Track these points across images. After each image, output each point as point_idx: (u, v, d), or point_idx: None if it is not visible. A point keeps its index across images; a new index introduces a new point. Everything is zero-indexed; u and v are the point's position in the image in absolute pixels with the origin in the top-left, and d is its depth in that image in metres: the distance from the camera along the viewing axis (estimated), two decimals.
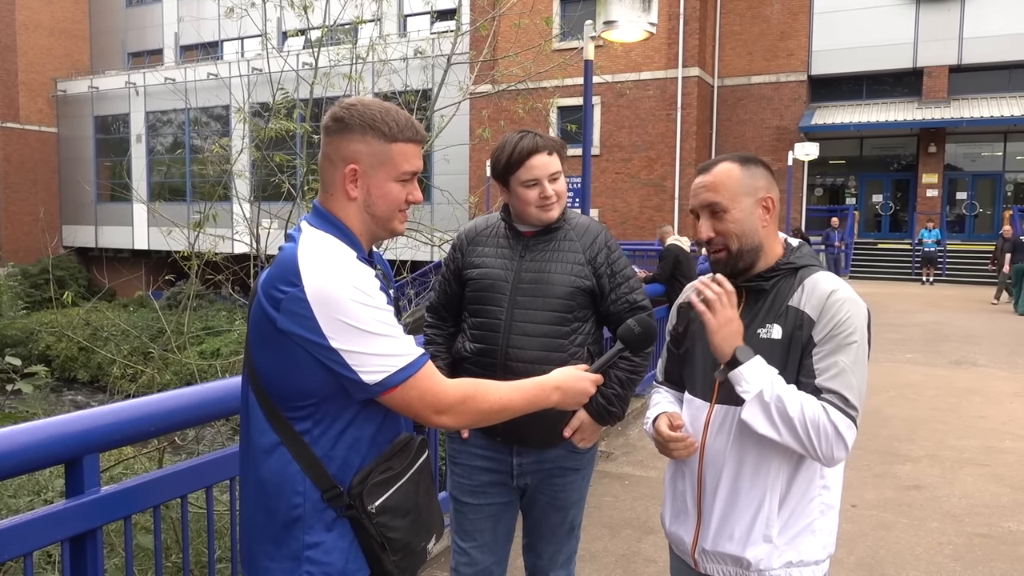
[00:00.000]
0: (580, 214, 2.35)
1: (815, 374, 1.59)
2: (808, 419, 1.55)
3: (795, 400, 1.56)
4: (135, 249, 30.16)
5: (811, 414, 1.55)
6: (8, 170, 30.73)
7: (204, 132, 27.20)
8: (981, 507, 4.34)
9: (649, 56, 21.55)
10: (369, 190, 1.51)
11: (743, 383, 1.59)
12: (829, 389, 1.58)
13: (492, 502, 2.32)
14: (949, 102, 21.80)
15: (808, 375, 1.60)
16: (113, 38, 33.23)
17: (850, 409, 1.56)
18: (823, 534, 1.69)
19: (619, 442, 5.50)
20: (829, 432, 1.54)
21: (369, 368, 1.38)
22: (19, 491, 5.28)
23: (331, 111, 1.52)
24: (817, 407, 1.56)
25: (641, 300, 2.24)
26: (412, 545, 1.53)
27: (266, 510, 1.48)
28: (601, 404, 2.20)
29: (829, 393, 1.58)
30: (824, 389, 1.58)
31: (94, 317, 14.38)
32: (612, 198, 22.31)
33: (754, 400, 1.58)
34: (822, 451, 1.56)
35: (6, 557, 1.64)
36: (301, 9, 7.26)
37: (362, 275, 1.42)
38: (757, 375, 1.58)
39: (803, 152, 18.26)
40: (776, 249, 1.75)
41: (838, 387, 1.57)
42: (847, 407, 1.56)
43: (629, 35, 5.50)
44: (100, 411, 1.90)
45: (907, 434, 5.82)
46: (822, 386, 1.58)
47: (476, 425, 1.57)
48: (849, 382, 1.58)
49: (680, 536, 1.80)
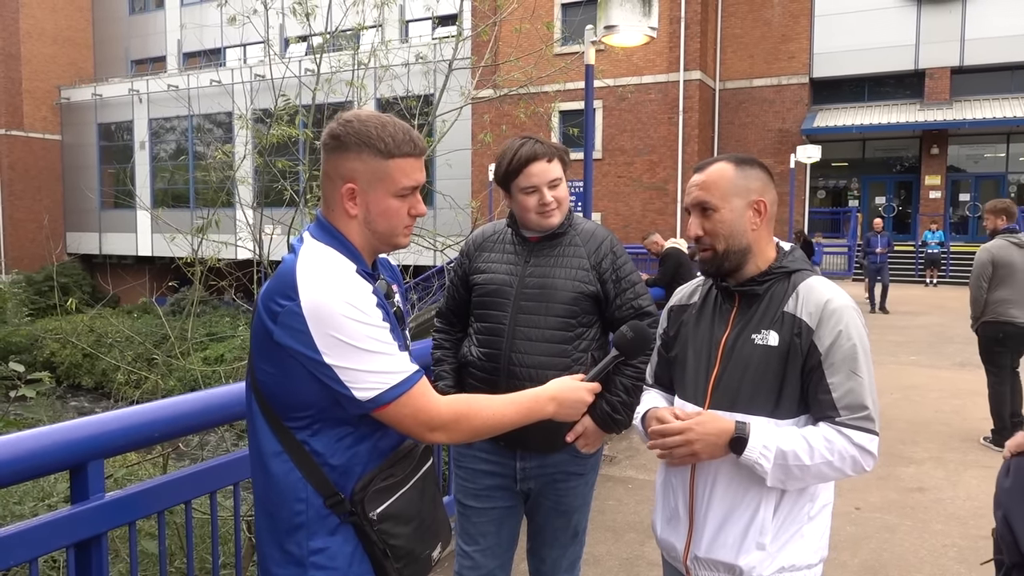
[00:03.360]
0: (587, 219, 2.36)
1: (831, 389, 1.59)
2: (834, 459, 1.56)
3: (808, 451, 1.56)
4: (139, 255, 30.24)
5: (834, 451, 1.56)
6: (12, 177, 30.85)
7: (207, 138, 27.29)
8: (985, 509, 4.33)
9: (651, 60, 21.58)
10: (368, 207, 1.50)
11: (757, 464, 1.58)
12: (848, 405, 1.59)
13: (496, 506, 2.33)
14: (951, 103, 21.78)
15: (824, 391, 1.60)
16: (116, 46, 33.37)
17: (869, 423, 1.59)
18: (815, 538, 1.68)
19: (623, 446, 5.50)
20: (853, 453, 1.57)
21: (362, 384, 1.39)
22: (24, 497, 5.29)
23: (328, 128, 1.52)
24: (836, 438, 1.57)
25: (647, 306, 2.24)
26: (416, 553, 1.53)
27: (271, 516, 1.49)
28: (606, 411, 2.19)
29: (847, 410, 1.58)
30: (843, 407, 1.59)
31: (98, 323, 14.41)
32: (614, 202, 22.31)
33: (772, 472, 1.58)
34: (852, 472, 1.59)
35: (12, 563, 1.65)
36: (303, 16, 7.29)
37: (359, 291, 1.42)
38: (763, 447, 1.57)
39: (805, 155, 18.24)
40: (769, 253, 1.74)
41: (856, 400, 1.59)
42: (866, 421, 1.58)
43: (630, 39, 5.51)
44: (105, 417, 1.91)
45: (911, 436, 5.81)
46: (840, 403, 1.59)
47: (470, 441, 1.57)
48: (865, 393, 1.59)
49: (672, 543, 1.79)
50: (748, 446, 1.57)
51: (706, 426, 1.61)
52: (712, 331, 1.75)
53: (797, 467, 1.56)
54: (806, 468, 1.56)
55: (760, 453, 1.56)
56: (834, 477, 1.60)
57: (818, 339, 1.61)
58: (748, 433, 1.58)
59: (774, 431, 1.59)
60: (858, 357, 1.60)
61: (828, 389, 1.59)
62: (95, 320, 14.07)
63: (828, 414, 1.59)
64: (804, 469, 1.56)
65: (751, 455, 1.57)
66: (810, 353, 1.61)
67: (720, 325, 1.74)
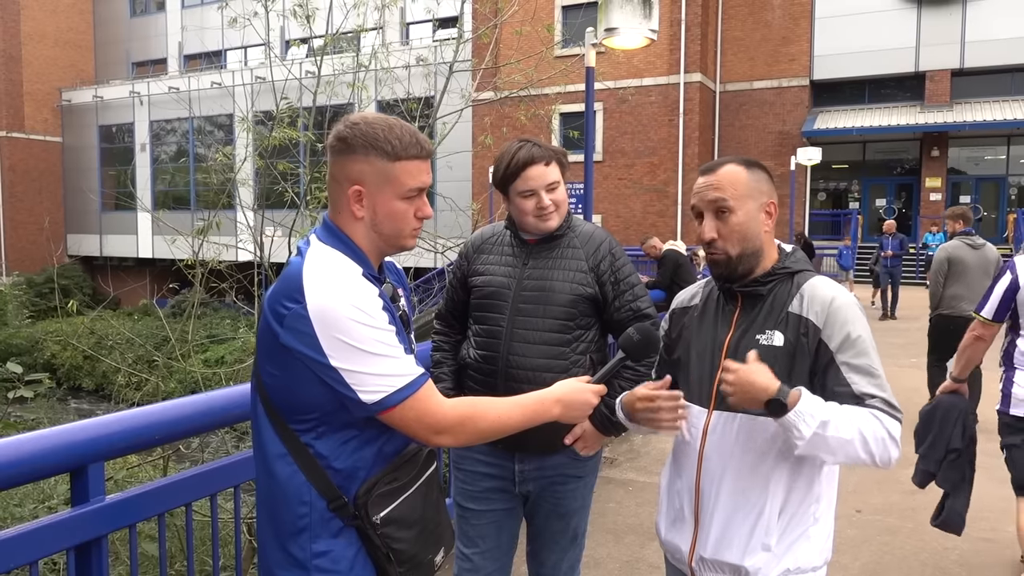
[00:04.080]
0: (586, 222, 2.36)
1: (849, 383, 1.59)
2: (867, 436, 1.53)
3: (847, 423, 1.52)
4: (139, 257, 30.25)
5: (867, 430, 1.53)
6: (13, 179, 30.88)
7: (208, 141, 27.32)
8: (986, 511, 4.32)
9: (651, 62, 21.59)
10: (375, 209, 1.50)
11: (797, 428, 1.50)
12: (871, 395, 1.58)
13: (495, 508, 2.33)
14: (952, 106, 21.78)
15: (841, 384, 1.59)
16: (117, 48, 33.41)
17: (895, 411, 1.58)
18: (821, 539, 1.68)
19: (623, 448, 5.49)
20: (886, 439, 1.55)
21: (367, 387, 1.39)
22: (24, 499, 5.30)
23: (335, 130, 1.52)
24: (869, 419, 1.55)
25: (646, 308, 2.24)
26: (419, 557, 1.53)
27: (275, 518, 1.49)
28: (604, 415, 2.18)
29: (872, 399, 1.58)
30: (867, 395, 1.58)
31: (99, 326, 14.43)
32: (615, 204, 22.32)
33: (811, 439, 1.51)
34: (881, 459, 1.56)
35: (12, 566, 1.65)
36: (304, 19, 7.30)
37: (365, 294, 1.42)
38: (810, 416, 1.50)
39: (806, 157, 18.23)
40: (772, 254, 1.74)
41: (878, 391, 1.58)
42: (892, 409, 1.58)
43: (630, 42, 5.51)
44: (105, 420, 1.91)
45: (912, 438, 5.80)
46: (863, 392, 1.58)
47: (475, 443, 1.57)
48: (884, 384, 1.60)
49: (677, 544, 1.78)
50: (796, 410, 1.49)
51: (753, 375, 1.53)
52: (715, 333, 1.75)
53: (834, 438, 1.51)
54: (843, 441, 1.51)
55: (804, 420, 1.49)
56: (860, 459, 1.55)
57: (827, 337, 1.61)
58: (788, 399, 1.50)
59: (820, 400, 1.54)
60: (869, 351, 1.61)
61: (847, 382, 1.59)
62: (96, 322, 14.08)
63: (852, 403, 1.57)
64: (841, 442, 1.51)
65: (795, 418, 1.49)
66: (819, 352, 1.61)
67: (723, 326, 1.74)
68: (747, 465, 1.64)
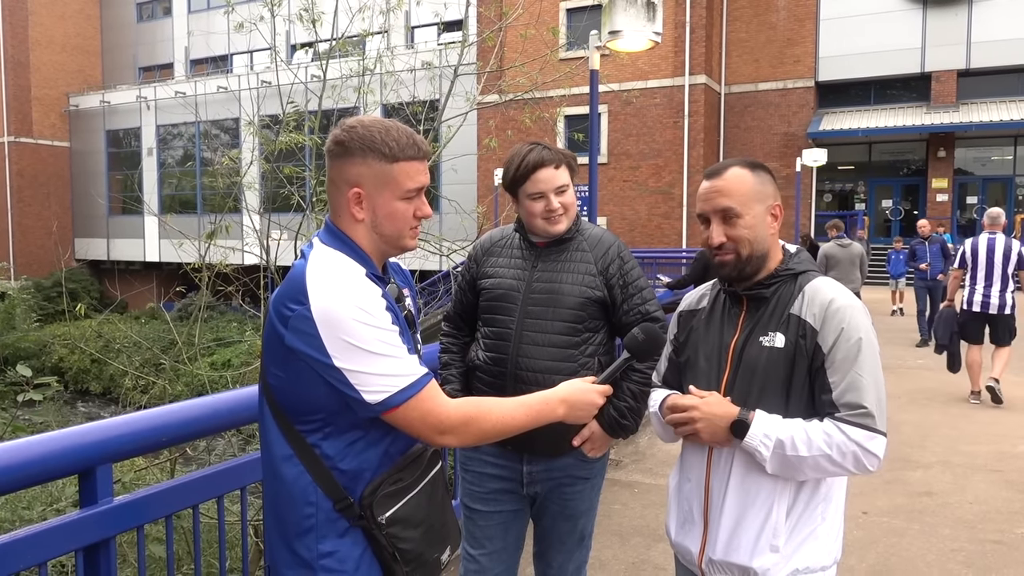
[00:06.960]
0: (595, 225, 2.38)
1: (831, 388, 1.59)
2: (833, 453, 1.55)
3: (807, 442, 1.56)
4: (147, 261, 30.39)
5: (833, 445, 1.55)
6: (21, 184, 31.06)
7: (214, 145, 27.43)
8: (994, 513, 4.31)
9: (656, 64, 21.60)
10: (375, 211, 1.52)
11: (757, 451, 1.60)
12: (846, 403, 1.58)
13: (502, 509, 2.33)
14: (958, 106, 21.71)
15: (825, 390, 1.60)
16: (124, 53, 33.58)
17: (868, 419, 1.56)
18: (829, 540, 1.68)
19: (629, 450, 5.49)
20: (853, 449, 1.55)
21: (371, 388, 1.40)
22: (33, 502, 5.32)
23: (332, 134, 1.53)
24: (835, 433, 1.56)
25: (654, 311, 2.25)
26: (424, 556, 1.53)
27: (282, 519, 1.50)
28: (613, 416, 2.20)
29: (846, 408, 1.57)
30: (841, 404, 1.58)
31: (106, 329, 14.49)
32: (620, 206, 22.31)
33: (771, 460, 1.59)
34: (855, 470, 1.58)
35: (21, 567, 1.66)
36: (310, 23, 7.33)
37: (368, 295, 1.43)
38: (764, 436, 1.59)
39: (811, 158, 18.19)
40: (777, 256, 1.75)
41: (854, 399, 1.57)
42: (865, 418, 1.56)
43: (634, 44, 5.51)
44: (113, 422, 1.92)
45: (918, 440, 5.78)
46: (839, 401, 1.58)
47: (480, 443, 1.57)
48: (864, 391, 1.57)
49: (687, 546, 1.79)
50: (749, 433, 1.59)
51: (712, 407, 1.64)
52: (722, 335, 1.76)
53: (795, 457, 1.56)
54: (803, 459, 1.56)
55: (760, 441, 1.59)
56: (836, 472, 1.59)
57: (822, 339, 1.61)
58: (750, 420, 1.59)
59: (777, 421, 1.60)
60: (860, 356, 1.59)
61: (829, 388, 1.60)
62: (103, 325, 14.14)
63: (828, 411, 1.60)
64: (801, 460, 1.56)
65: (751, 441, 1.59)
66: (815, 354, 1.62)
67: (729, 329, 1.75)
68: (755, 467, 1.65)
